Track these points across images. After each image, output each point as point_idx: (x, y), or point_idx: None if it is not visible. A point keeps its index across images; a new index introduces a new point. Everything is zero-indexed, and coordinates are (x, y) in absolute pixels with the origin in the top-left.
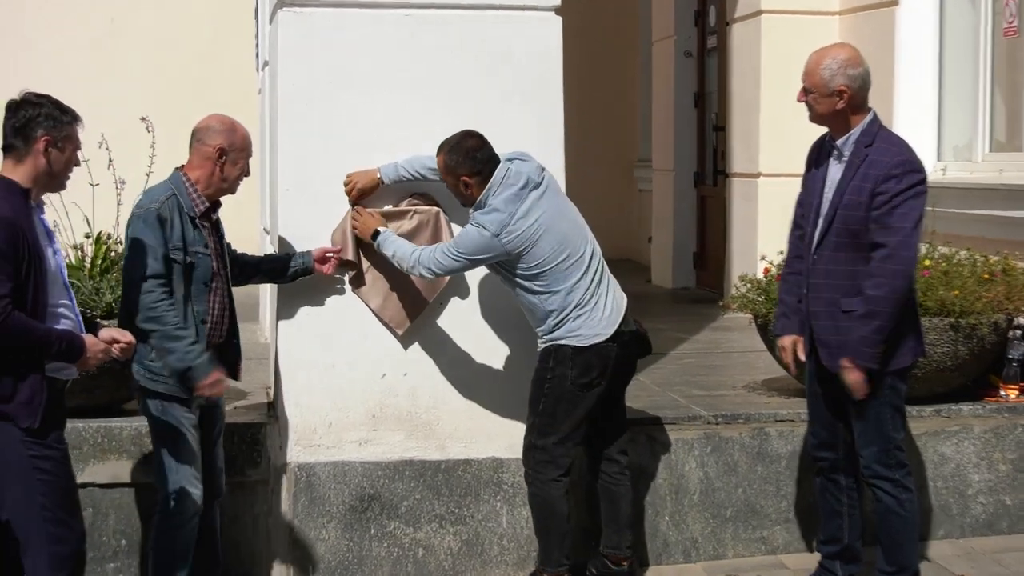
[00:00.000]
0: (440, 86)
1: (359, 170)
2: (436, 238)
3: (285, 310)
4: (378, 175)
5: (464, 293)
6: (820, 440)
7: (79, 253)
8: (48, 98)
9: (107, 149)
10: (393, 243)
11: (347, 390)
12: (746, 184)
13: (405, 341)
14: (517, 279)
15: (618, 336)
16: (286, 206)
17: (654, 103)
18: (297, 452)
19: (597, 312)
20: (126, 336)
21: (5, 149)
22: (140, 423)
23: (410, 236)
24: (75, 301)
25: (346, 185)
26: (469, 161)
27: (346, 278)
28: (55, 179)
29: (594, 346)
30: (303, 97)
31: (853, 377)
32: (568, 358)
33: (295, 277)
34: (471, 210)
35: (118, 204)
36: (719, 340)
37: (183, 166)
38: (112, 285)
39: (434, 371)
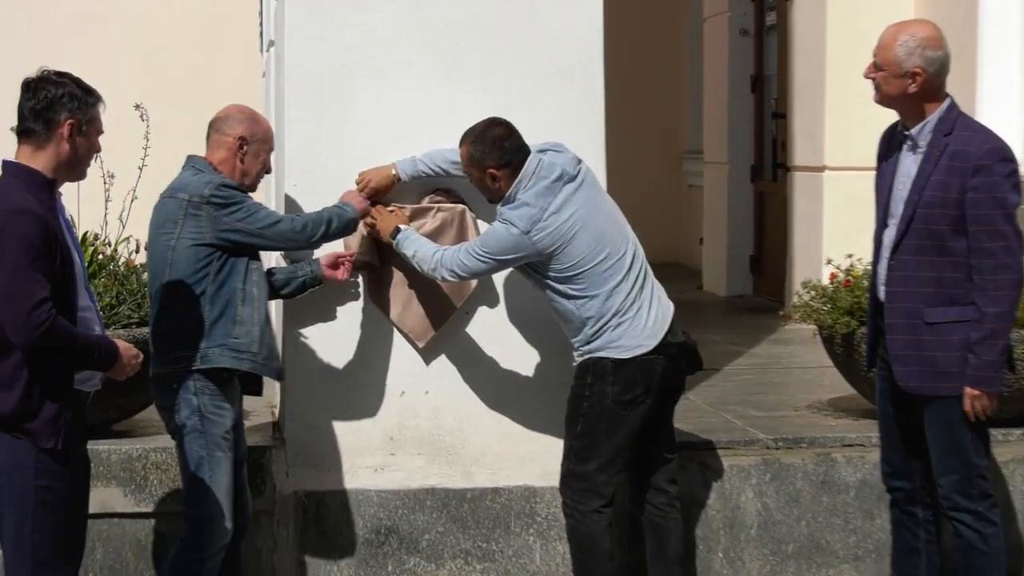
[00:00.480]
0: (467, 69)
1: (372, 167)
2: (461, 238)
3: (292, 319)
4: (394, 171)
5: (493, 300)
6: (894, 468)
7: None
8: (70, 76)
9: None
10: (414, 243)
11: (361, 410)
12: (810, 179)
13: (427, 354)
14: (550, 282)
15: (664, 348)
16: (292, 204)
17: (705, 88)
18: (305, 479)
19: (640, 320)
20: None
21: (23, 134)
22: (131, 446)
23: (433, 236)
24: (96, 303)
25: (358, 183)
26: (496, 151)
27: (360, 284)
28: (78, 167)
29: (637, 359)
30: (313, 81)
31: (983, 405)
32: (608, 372)
33: (302, 290)
34: (499, 206)
35: (106, 201)
36: (779, 354)
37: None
38: (100, 292)
39: (460, 388)
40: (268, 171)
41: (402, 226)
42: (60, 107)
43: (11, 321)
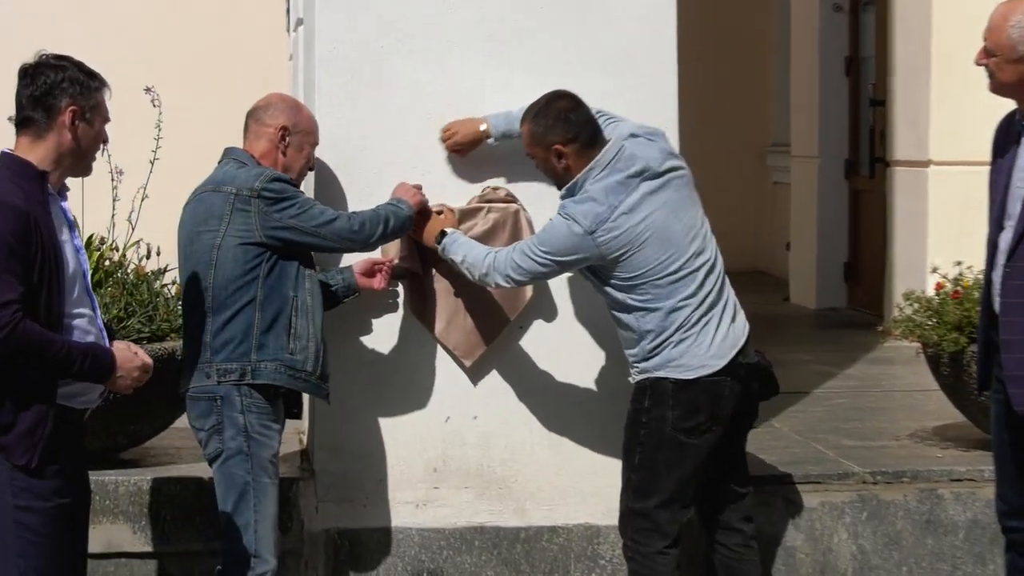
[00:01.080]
0: (519, 51)
1: (459, 119)
2: (515, 241)
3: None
4: (483, 127)
5: (550, 313)
6: (1011, 505)
7: None
8: (70, 60)
9: None
10: (462, 246)
11: (401, 437)
12: (912, 175)
13: (475, 375)
14: (609, 289)
15: (733, 369)
16: (324, 199)
17: (793, 72)
18: (338, 515)
19: (706, 337)
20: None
21: (21, 123)
22: (141, 477)
23: (483, 240)
24: (99, 310)
25: (443, 135)
26: (561, 124)
27: (400, 294)
28: (82, 159)
29: (701, 380)
30: (347, 64)
31: None
32: (668, 395)
33: (334, 301)
34: (561, 196)
35: (114, 200)
36: (877, 376)
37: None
38: (107, 303)
39: (512, 413)
40: (311, 167)
41: (448, 229)
42: (60, 93)
43: None
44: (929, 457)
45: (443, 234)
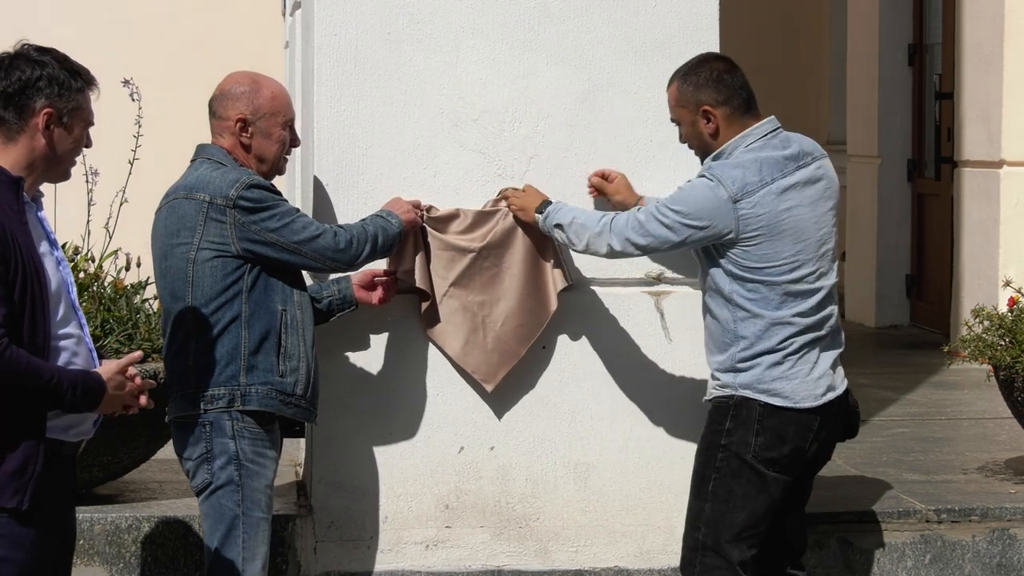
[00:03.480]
0: (543, 37)
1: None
2: (534, 254)
3: (319, 354)
4: (634, 200)
5: (576, 331)
6: None
7: None
8: (54, 54)
9: None
10: (571, 209)
11: (410, 470)
12: (983, 176)
13: (492, 401)
14: (718, 269)
15: (824, 405)
16: (323, 205)
17: (850, 62)
18: (339, 557)
19: (805, 366)
20: (135, 356)
21: None
22: (118, 515)
23: (497, 248)
24: (87, 327)
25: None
26: (713, 84)
27: (405, 308)
28: (58, 165)
29: (795, 411)
30: (349, 52)
31: None
32: (755, 419)
33: (327, 315)
34: (706, 160)
35: (89, 204)
36: (943, 401)
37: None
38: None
39: (533, 444)
40: (296, 144)
41: (552, 200)
42: (36, 92)
43: None
44: (1001, 493)
45: (546, 203)
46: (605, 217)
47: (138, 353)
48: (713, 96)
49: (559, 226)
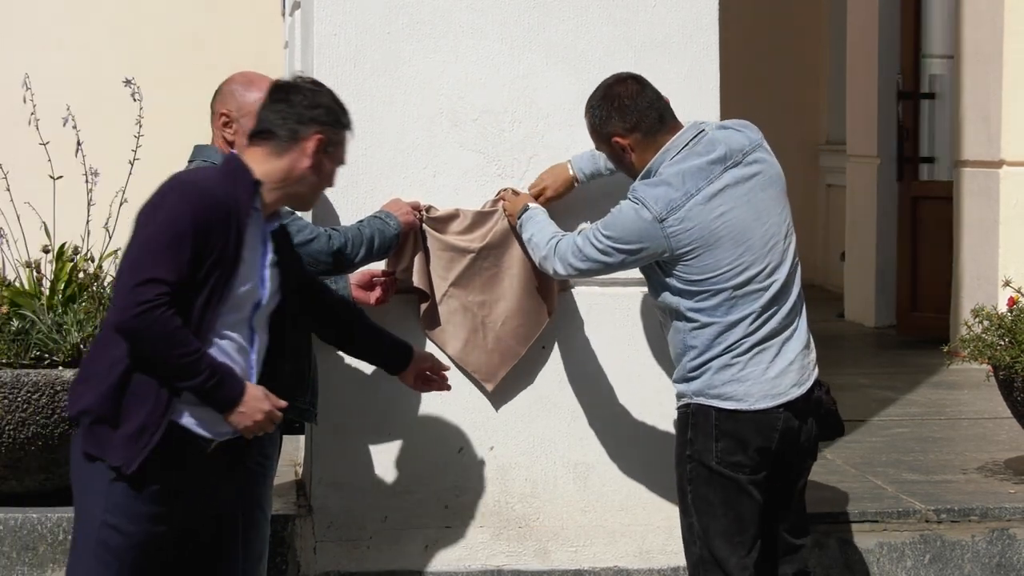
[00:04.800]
0: (543, 36)
1: (547, 169)
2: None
3: (319, 354)
4: (570, 171)
5: (576, 330)
6: None
7: (34, 274)
8: (326, 88)
9: (74, 127)
10: (535, 224)
11: (408, 470)
12: (982, 176)
13: (492, 400)
14: (662, 285)
15: (789, 402)
16: (323, 205)
17: (849, 62)
18: (338, 557)
19: (757, 366)
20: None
21: (259, 135)
22: None
23: (495, 249)
24: (259, 351)
25: (533, 190)
26: (618, 112)
27: (404, 307)
28: (311, 189)
29: (752, 412)
30: (349, 51)
31: None
32: (712, 425)
33: None
34: (634, 181)
35: (89, 205)
36: (942, 401)
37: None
38: (80, 319)
39: (532, 444)
40: None
41: (532, 204)
42: (312, 119)
43: (117, 295)
44: (1000, 493)
45: (525, 209)
46: (552, 239)
47: (284, 403)
48: (620, 126)
49: (524, 239)
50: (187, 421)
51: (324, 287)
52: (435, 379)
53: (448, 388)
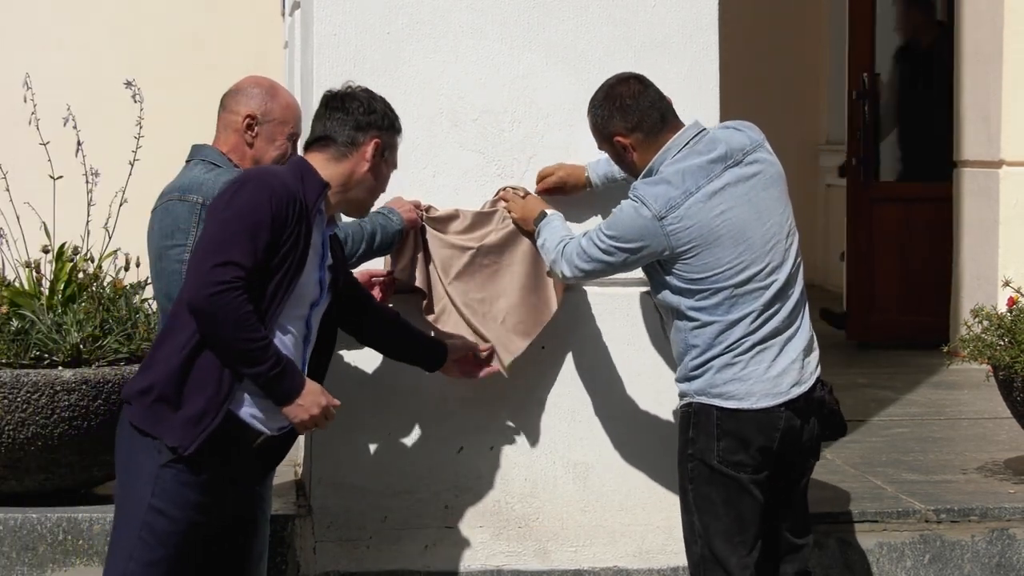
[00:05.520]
0: (543, 36)
1: (565, 163)
2: (538, 253)
3: None
4: (585, 172)
5: (576, 331)
6: None
7: (33, 274)
8: (379, 96)
9: (75, 127)
10: (549, 230)
11: (409, 470)
12: (982, 176)
13: (491, 400)
14: (663, 285)
15: (790, 400)
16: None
17: (850, 60)
18: (338, 557)
19: (758, 365)
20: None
21: (318, 142)
22: None
23: (497, 251)
24: (308, 351)
25: (541, 174)
26: (620, 112)
27: (404, 308)
28: (368, 194)
29: (753, 411)
30: (349, 51)
31: None
32: (714, 424)
33: None
34: (635, 180)
35: (89, 205)
36: (942, 401)
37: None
38: (80, 319)
39: (532, 443)
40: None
41: (549, 211)
42: (370, 125)
43: (192, 274)
44: (1000, 493)
45: (543, 215)
46: (561, 243)
47: (338, 402)
48: (622, 125)
49: (540, 245)
50: (244, 412)
51: (368, 294)
52: (476, 363)
53: (494, 368)
